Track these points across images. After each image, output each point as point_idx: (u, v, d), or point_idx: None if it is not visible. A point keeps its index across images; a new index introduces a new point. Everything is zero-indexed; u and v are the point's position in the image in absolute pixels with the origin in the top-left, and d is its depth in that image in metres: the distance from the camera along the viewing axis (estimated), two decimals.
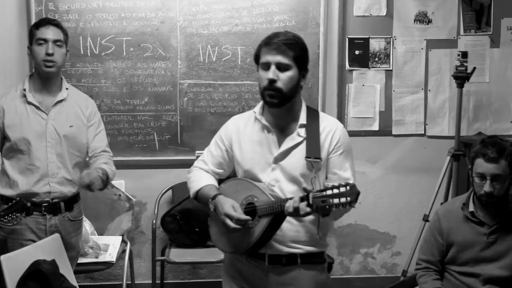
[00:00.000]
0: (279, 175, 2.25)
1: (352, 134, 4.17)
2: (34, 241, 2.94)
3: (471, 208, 2.70)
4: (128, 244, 3.94)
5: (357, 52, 4.17)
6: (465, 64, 3.78)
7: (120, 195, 4.02)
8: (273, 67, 2.18)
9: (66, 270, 2.93)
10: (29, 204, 2.86)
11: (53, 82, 2.97)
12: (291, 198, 2.09)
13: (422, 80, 4.26)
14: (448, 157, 3.90)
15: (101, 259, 3.68)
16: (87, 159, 3.12)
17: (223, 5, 4.00)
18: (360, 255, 4.43)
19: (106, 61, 3.98)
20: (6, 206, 2.79)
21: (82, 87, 3.90)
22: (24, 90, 2.94)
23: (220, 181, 2.46)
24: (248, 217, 2.16)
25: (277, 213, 2.13)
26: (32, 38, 2.91)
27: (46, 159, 2.92)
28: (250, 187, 2.24)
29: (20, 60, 3.89)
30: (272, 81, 2.17)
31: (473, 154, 2.63)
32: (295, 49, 2.20)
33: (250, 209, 2.22)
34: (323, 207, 1.97)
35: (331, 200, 1.94)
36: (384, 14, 4.15)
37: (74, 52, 3.90)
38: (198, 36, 4.01)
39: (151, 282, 4.06)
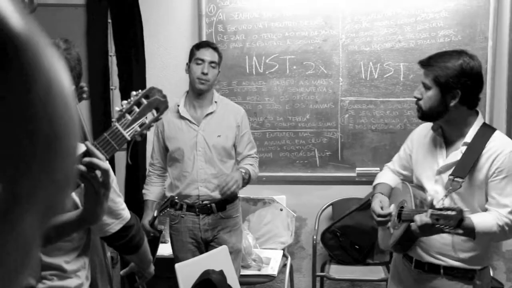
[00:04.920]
0: (439, 187, 2.39)
1: None
2: (191, 238, 3.39)
3: None
4: (289, 258, 4.11)
5: None
6: None
7: (282, 210, 4.20)
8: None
9: (233, 281, 3.14)
10: (177, 200, 3.31)
11: (205, 97, 3.36)
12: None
13: None
14: None
15: (263, 272, 3.87)
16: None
17: (386, 21, 4.09)
18: None
19: (270, 79, 4.22)
20: (162, 203, 3.35)
21: (247, 104, 4.17)
22: (178, 106, 3.37)
23: None
24: (386, 212, 2.43)
25: (412, 221, 2.27)
26: (192, 57, 3.33)
27: (196, 166, 3.31)
28: (407, 192, 2.44)
29: None
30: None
31: None
32: (432, 72, 2.33)
33: (400, 212, 2.45)
34: (434, 224, 2.10)
35: (441, 220, 2.07)
36: None
37: (240, 71, 4.19)
38: (360, 53, 4.12)
39: None
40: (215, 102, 3.37)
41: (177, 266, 3.09)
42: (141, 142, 4.10)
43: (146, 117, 1.68)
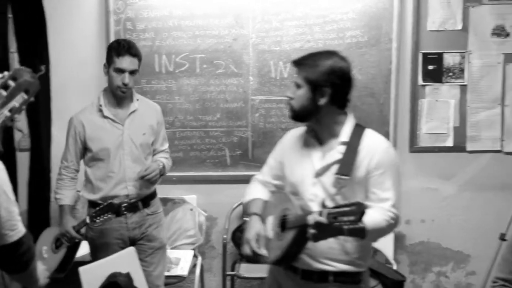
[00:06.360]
0: (319, 190, 2.38)
1: (425, 150, 4.35)
2: (118, 238, 3.36)
3: None
4: (199, 258, 4.15)
5: (430, 67, 4.26)
6: None
7: (192, 209, 4.22)
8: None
9: (140, 283, 3.14)
10: (118, 207, 3.26)
11: (125, 97, 3.35)
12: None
13: (499, 95, 4.30)
14: None
15: (172, 272, 3.86)
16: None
17: (296, 21, 4.18)
18: (433, 273, 4.50)
19: (180, 78, 4.22)
20: (97, 208, 3.22)
21: (157, 103, 4.10)
22: (100, 105, 3.32)
23: None
24: (262, 253, 2.34)
25: (302, 226, 2.19)
26: (110, 63, 3.25)
27: (124, 166, 3.30)
28: (286, 200, 2.39)
29: (98, 77, 4.12)
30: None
31: None
32: (303, 71, 2.37)
33: (283, 221, 2.36)
34: (332, 223, 2.03)
35: (340, 217, 2.01)
36: (460, 28, 4.23)
37: (149, 69, 4.16)
38: (270, 52, 4.19)
39: None
40: (137, 100, 3.39)
41: (81, 269, 3.03)
42: (46, 143, 4.01)
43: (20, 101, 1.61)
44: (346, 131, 2.39)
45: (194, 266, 4.06)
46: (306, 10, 4.17)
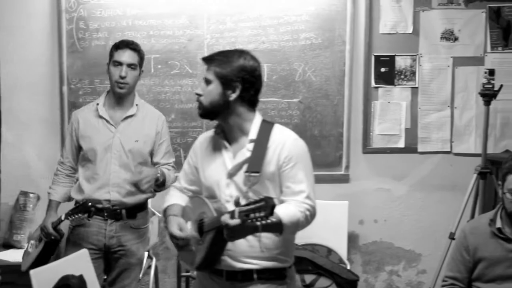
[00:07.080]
0: (233, 190, 2.36)
1: (377, 151, 4.43)
2: (92, 243, 3.24)
3: (499, 224, 2.84)
4: (154, 259, 4.11)
5: (382, 69, 4.35)
6: (492, 81, 3.87)
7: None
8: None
9: (93, 285, 3.10)
10: (92, 208, 3.13)
11: (125, 99, 3.28)
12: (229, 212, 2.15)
13: (448, 98, 4.42)
14: (475, 175, 3.98)
15: None
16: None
17: (250, 23, 4.22)
18: (385, 272, 4.58)
19: None
20: (73, 207, 3.19)
21: None
22: (97, 104, 3.27)
23: None
24: (191, 234, 2.33)
25: (218, 228, 2.18)
26: (111, 58, 3.23)
27: (109, 169, 3.21)
28: (202, 203, 2.36)
29: (50, 77, 4.14)
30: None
31: (505, 170, 2.77)
32: (214, 66, 2.37)
33: (200, 225, 2.33)
34: (244, 221, 2.03)
35: (252, 214, 2.01)
36: (411, 31, 4.34)
37: (103, 69, 4.05)
38: None
39: None
40: (136, 105, 3.29)
41: (32, 272, 2.96)
42: None
43: None
44: (254, 128, 2.39)
45: (148, 267, 4.03)
46: (260, 12, 4.21)
